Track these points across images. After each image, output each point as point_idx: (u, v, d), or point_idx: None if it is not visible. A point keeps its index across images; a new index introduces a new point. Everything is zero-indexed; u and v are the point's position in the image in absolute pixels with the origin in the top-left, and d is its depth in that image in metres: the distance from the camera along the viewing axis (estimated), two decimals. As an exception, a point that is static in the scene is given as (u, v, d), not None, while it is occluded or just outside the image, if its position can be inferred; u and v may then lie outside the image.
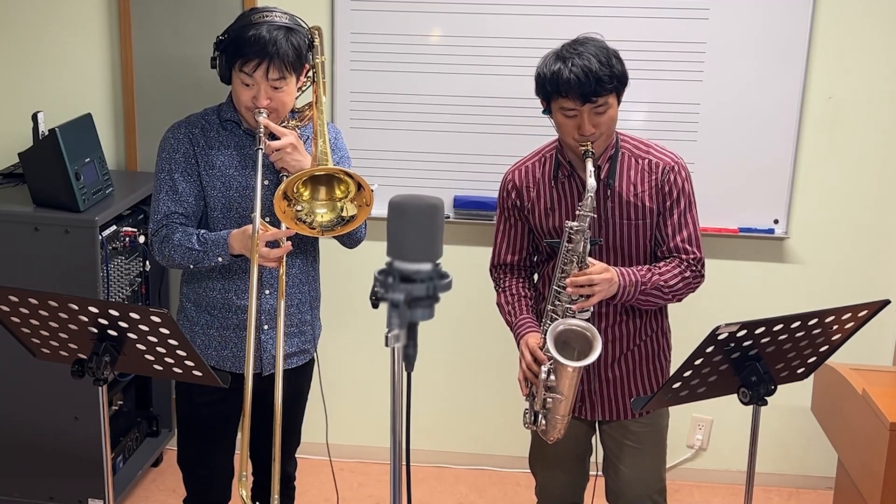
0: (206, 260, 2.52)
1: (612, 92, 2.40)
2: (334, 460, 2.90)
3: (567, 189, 2.53)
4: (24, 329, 2.29)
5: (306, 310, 2.70)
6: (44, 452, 3.23)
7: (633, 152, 2.53)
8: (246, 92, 2.47)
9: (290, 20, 2.49)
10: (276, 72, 2.44)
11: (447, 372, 3.72)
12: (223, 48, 2.49)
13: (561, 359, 2.39)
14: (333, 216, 2.45)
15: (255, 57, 2.42)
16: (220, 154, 2.57)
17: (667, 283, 2.50)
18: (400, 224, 1.46)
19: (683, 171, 2.53)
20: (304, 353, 2.74)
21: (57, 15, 3.51)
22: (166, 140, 2.59)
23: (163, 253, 2.57)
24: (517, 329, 2.60)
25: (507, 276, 2.68)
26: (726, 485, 3.72)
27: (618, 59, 2.42)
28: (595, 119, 2.40)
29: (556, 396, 2.47)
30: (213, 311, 2.63)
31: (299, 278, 2.65)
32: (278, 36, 2.42)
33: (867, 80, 3.34)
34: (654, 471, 2.69)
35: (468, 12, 3.34)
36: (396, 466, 1.54)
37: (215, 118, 2.60)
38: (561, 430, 2.53)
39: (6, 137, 3.55)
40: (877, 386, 2.93)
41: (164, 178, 2.57)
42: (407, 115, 3.45)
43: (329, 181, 2.44)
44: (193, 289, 2.65)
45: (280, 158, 2.47)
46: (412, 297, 1.43)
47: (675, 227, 2.53)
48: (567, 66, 2.37)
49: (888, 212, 3.45)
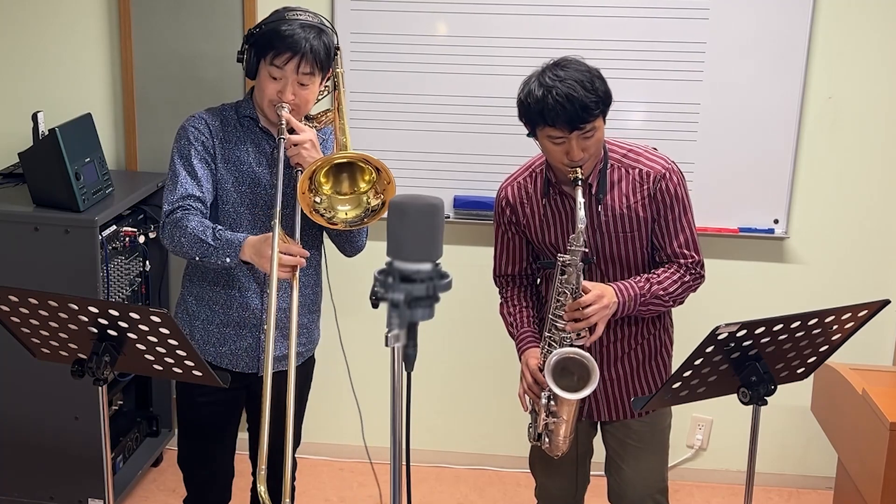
0: (214, 257, 2.50)
1: (599, 116, 2.36)
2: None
3: (559, 205, 2.52)
4: (24, 329, 2.29)
5: (304, 312, 2.69)
6: (44, 452, 3.23)
7: (621, 162, 2.50)
8: (273, 85, 2.50)
9: (320, 21, 2.53)
10: (307, 66, 2.47)
11: (447, 372, 3.72)
12: (254, 41, 2.51)
13: (560, 392, 2.40)
14: (360, 211, 2.48)
15: (287, 50, 2.46)
16: (236, 149, 2.58)
17: (666, 291, 2.49)
18: (400, 224, 1.46)
19: (675, 176, 2.50)
20: (300, 356, 2.73)
21: (57, 15, 3.51)
22: (185, 129, 2.58)
23: (173, 237, 2.52)
24: (519, 343, 2.62)
25: (510, 286, 2.69)
26: (726, 485, 3.72)
27: (600, 80, 2.37)
28: (584, 143, 2.36)
29: (557, 420, 2.49)
30: (214, 307, 2.63)
31: (302, 281, 2.66)
32: (311, 34, 2.47)
33: (867, 80, 3.34)
34: (656, 470, 2.69)
35: (468, 12, 3.34)
36: (396, 466, 1.55)
37: (233, 114, 2.61)
38: (565, 448, 2.55)
39: (6, 137, 3.55)
40: (877, 386, 2.93)
41: (182, 164, 2.55)
42: (407, 115, 3.45)
43: (352, 173, 2.47)
44: (197, 283, 2.65)
45: (297, 153, 2.49)
46: (412, 297, 1.44)
47: (671, 234, 2.51)
48: (552, 94, 2.31)
49: (888, 212, 3.45)
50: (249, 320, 2.62)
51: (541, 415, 2.50)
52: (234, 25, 3.42)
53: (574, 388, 2.41)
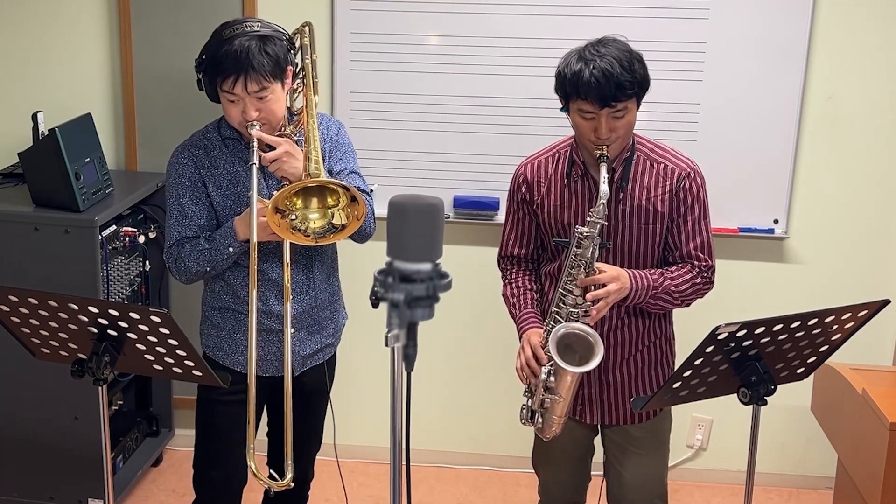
0: (218, 255, 2.53)
1: (633, 97, 2.36)
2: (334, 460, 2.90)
3: (579, 188, 2.52)
4: (24, 329, 2.29)
5: (324, 307, 2.72)
6: (44, 452, 3.23)
7: (648, 156, 2.51)
8: (233, 108, 2.47)
9: (263, 27, 2.47)
10: (254, 84, 2.42)
11: (447, 372, 3.72)
12: (204, 69, 2.49)
13: (562, 363, 2.38)
14: (325, 223, 2.45)
15: (231, 73, 2.41)
16: (225, 172, 2.58)
17: (678, 288, 2.50)
18: (400, 224, 1.46)
19: (699, 178, 2.51)
20: (329, 347, 2.77)
21: (57, 15, 3.51)
22: (171, 165, 2.60)
23: (179, 269, 2.59)
24: (520, 322, 2.60)
25: (514, 269, 2.67)
26: (726, 485, 3.72)
27: (641, 63, 2.37)
28: (613, 123, 2.36)
29: (555, 398, 2.47)
30: (238, 317, 2.65)
31: (319, 278, 2.68)
32: (251, 47, 2.40)
33: (867, 80, 3.34)
34: (655, 476, 2.68)
35: (468, 12, 3.34)
36: (396, 466, 1.55)
37: (216, 136, 2.60)
38: (557, 430, 2.53)
39: (6, 137, 3.55)
40: (877, 386, 2.93)
41: (174, 204, 2.59)
42: (407, 115, 3.45)
43: (321, 190, 2.44)
44: (219, 296, 2.67)
45: (278, 168, 2.47)
46: (412, 297, 1.44)
47: (688, 234, 2.51)
48: (588, 69, 2.32)
49: (888, 212, 3.45)
50: (273, 326, 2.64)
51: (539, 391, 2.49)
52: (234, 25, 3.41)
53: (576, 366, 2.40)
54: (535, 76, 3.30)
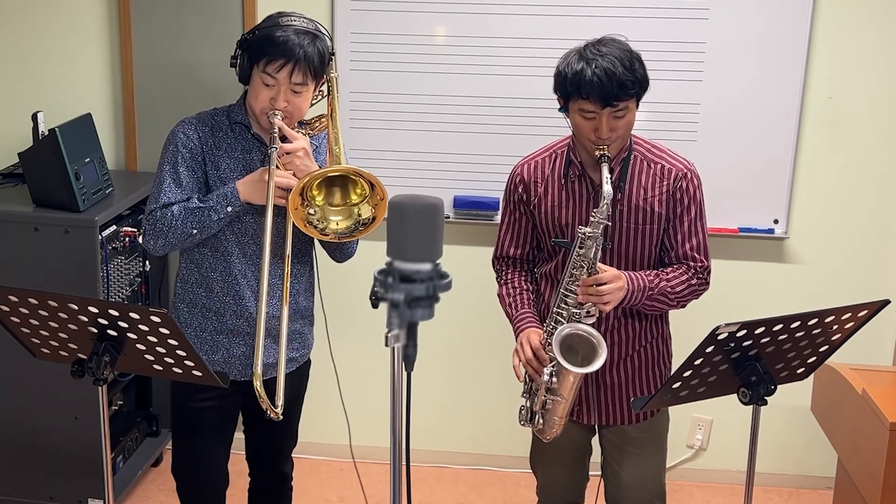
0: (213, 215, 2.47)
1: (634, 97, 2.37)
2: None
3: (576, 188, 2.51)
4: (24, 329, 2.29)
5: (297, 318, 2.67)
6: (44, 452, 3.23)
7: (645, 156, 2.51)
8: (265, 92, 2.46)
9: (315, 27, 2.50)
10: (300, 75, 2.44)
11: (447, 372, 3.72)
12: (247, 47, 2.48)
13: (567, 365, 2.38)
14: (350, 223, 2.45)
15: (281, 57, 2.42)
16: (226, 156, 2.56)
17: (673, 290, 2.49)
18: (400, 224, 1.46)
19: (696, 178, 2.51)
20: (292, 361, 2.69)
21: (57, 15, 3.51)
22: (175, 134, 2.56)
23: (158, 232, 2.48)
24: (517, 322, 2.59)
25: (510, 269, 2.67)
26: (726, 485, 3.72)
27: (640, 64, 2.38)
28: (613, 123, 2.37)
29: (556, 399, 2.47)
30: (207, 314, 2.60)
31: (296, 288, 2.64)
32: (305, 40, 2.43)
33: (867, 80, 3.34)
34: (654, 476, 2.68)
35: (468, 12, 3.34)
36: (396, 466, 1.55)
37: (225, 119, 2.58)
38: (558, 431, 2.53)
39: (6, 137, 3.55)
40: (877, 386, 2.93)
41: (169, 171, 2.53)
42: (407, 115, 3.45)
43: (344, 185, 2.44)
44: (191, 290, 2.62)
45: (290, 162, 2.47)
46: (412, 297, 1.44)
47: (685, 235, 2.51)
48: (590, 68, 2.32)
49: (888, 212, 3.45)
50: (243, 328, 2.59)
51: (540, 392, 2.49)
52: (233, 26, 3.42)
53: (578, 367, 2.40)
54: (534, 76, 3.30)
